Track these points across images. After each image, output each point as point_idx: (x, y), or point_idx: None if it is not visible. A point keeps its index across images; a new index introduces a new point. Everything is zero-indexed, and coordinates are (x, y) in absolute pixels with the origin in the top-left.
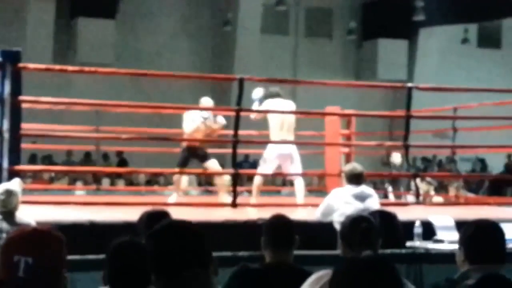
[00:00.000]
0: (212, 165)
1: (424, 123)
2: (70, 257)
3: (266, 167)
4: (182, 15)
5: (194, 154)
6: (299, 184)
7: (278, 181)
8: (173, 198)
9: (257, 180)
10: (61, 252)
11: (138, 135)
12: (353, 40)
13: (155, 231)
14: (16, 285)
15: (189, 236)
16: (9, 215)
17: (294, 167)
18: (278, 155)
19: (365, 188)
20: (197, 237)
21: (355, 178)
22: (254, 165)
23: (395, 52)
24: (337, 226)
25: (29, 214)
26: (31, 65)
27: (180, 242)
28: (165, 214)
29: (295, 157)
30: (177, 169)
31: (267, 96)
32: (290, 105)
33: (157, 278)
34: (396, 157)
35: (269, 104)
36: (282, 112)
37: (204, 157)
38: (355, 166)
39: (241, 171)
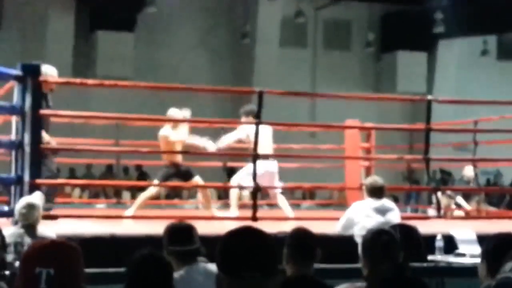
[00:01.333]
0: (198, 181)
1: (444, 136)
2: (91, 270)
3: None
4: (200, 28)
5: (177, 171)
6: (283, 199)
7: (298, 195)
8: (130, 211)
9: (235, 192)
10: (79, 263)
11: (158, 148)
12: (372, 53)
13: (232, 230)
14: None
15: (258, 242)
16: (31, 229)
17: (276, 184)
18: (266, 172)
19: (386, 202)
20: (265, 246)
21: (376, 192)
22: None
23: (414, 64)
24: (358, 240)
25: (50, 228)
26: (52, 79)
27: (248, 245)
28: (189, 228)
29: (276, 175)
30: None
31: (249, 113)
32: None
33: (223, 274)
34: (469, 170)
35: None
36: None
37: (187, 175)
38: (376, 179)
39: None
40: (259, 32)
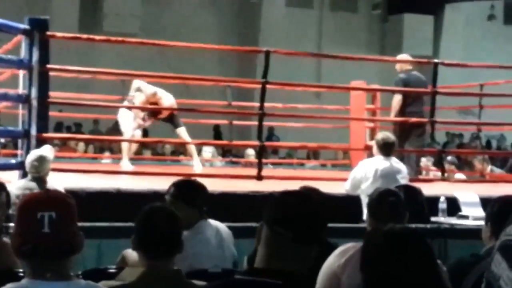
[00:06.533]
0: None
1: (450, 100)
2: (97, 224)
3: None
4: None
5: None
6: None
7: (302, 155)
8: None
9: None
10: (75, 211)
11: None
12: (379, 15)
13: (292, 190)
14: (42, 241)
15: (309, 209)
16: (41, 181)
17: None
18: None
19: (394, 162)
20: (312, 214)
21: (386, 148)
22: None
23: (420, 27)
24: (364, 199)
25: (58, 181)
26: (59, 34)
27: (299, 207)
28: (197, 185)
29: None
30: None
31: None
32: None
33: (265, 224)
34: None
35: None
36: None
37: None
38: (388, 135)
39: (266, 143)
40: None
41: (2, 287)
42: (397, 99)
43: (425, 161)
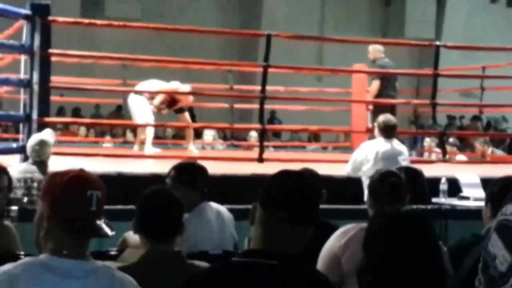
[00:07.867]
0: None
1: (452, 82)
2: None
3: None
4: None
5: None
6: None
7: (304, 137)
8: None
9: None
10: None
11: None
12: None
13: (286, 170)
14: (92, 218)
15: (303, 190)
16: (42, 165)
17: None
18: None
19: (396, 144)
20: (308, 195)
21: (388, 130)
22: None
23: (423, 10)
24: (365, 181)
25: (59, 165)
26: (61, 19)
27: (291, 187)
28: (197, 167)
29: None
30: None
31: None
32: None
33: (259, 205)
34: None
35: None
36: None
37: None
38: (389, 117)
39: (268, 126)
40: None
41: (20, 261)
42: (376, 85)
43: (429, 141)
